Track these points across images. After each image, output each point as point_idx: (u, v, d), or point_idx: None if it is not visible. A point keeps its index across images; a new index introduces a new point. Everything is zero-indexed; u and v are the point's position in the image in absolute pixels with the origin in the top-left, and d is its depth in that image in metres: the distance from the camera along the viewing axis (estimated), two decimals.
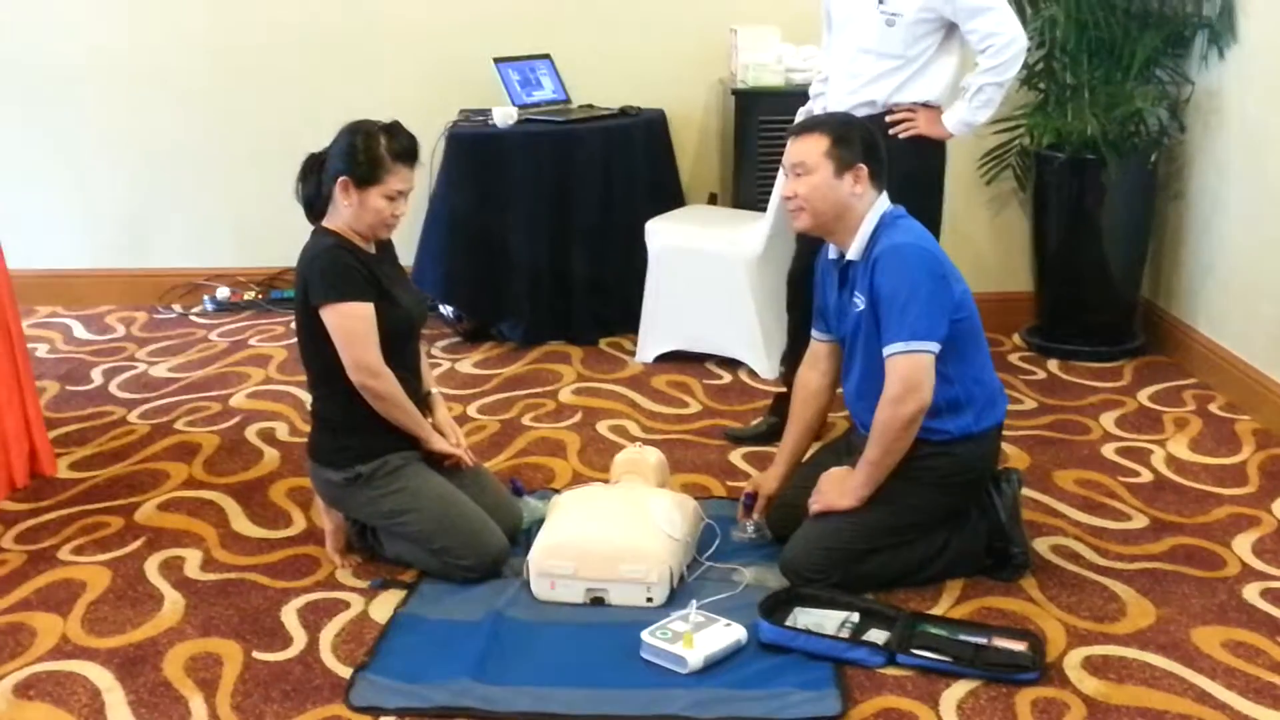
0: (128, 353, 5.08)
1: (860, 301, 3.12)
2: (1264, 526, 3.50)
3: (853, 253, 3.14)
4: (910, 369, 2.99)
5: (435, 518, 3.17)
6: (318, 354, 3.17)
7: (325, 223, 3.21)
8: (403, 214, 3.20)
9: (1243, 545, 3.39)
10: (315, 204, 3.23)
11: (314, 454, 3.27)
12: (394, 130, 3.16)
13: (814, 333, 3.42)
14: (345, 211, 3.15)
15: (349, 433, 3.19)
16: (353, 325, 3.10)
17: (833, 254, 3.26)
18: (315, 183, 3.21)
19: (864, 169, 3.10)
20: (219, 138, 5.62)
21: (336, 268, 3.10)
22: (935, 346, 3.00)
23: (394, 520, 3.19)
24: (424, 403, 3.35)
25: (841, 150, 3.10)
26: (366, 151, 3.11)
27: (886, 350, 3.02)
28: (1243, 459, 3.97)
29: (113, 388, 4.66)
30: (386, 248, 3.32)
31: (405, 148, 3.15)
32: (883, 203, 3.16)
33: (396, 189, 3.14)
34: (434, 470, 3.26)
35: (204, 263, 5.73)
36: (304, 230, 5.81)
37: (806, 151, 3.12)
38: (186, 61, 5.54)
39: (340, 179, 3.12)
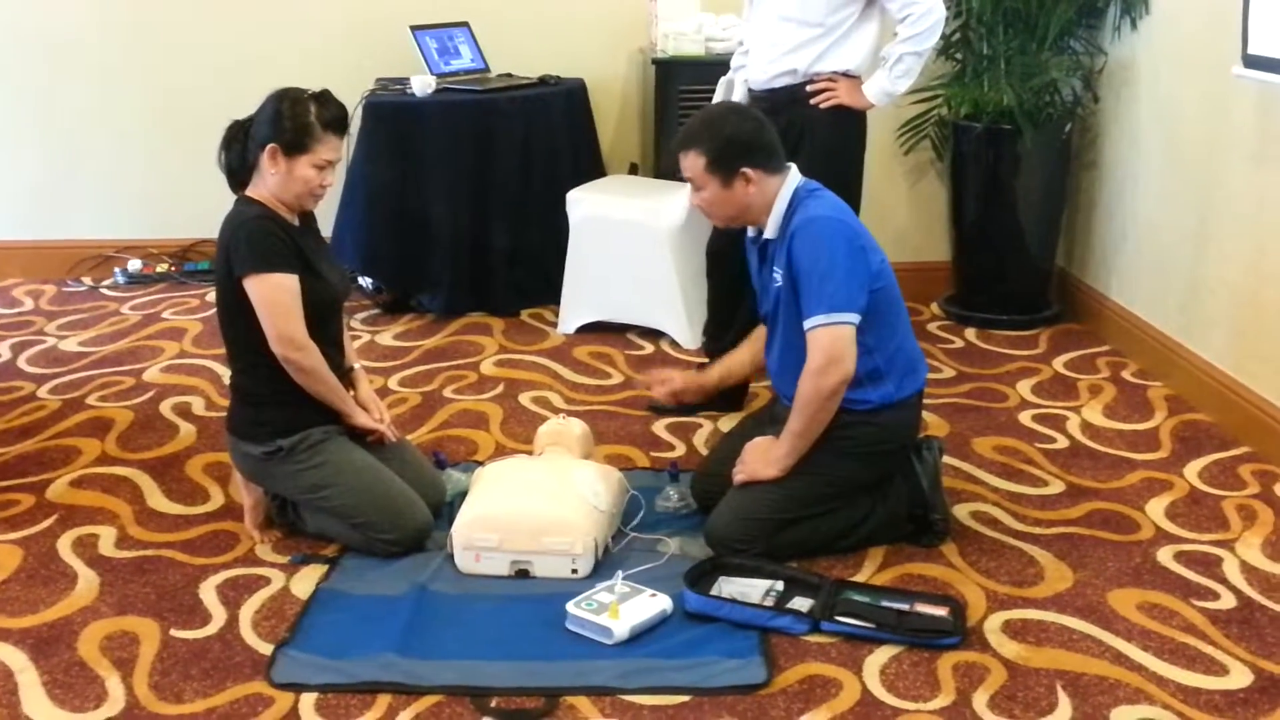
0: (36, 326, 4.96)
1: (779, 276, 3.12)
2: (1176, 491, 3.57)
3: (770, 231, 3.15)
4: (832, 341, 3.00)
5: (357, 491, 3.13)
6: (238, 326, 3.12)
7: (249, 192, 3.14)
8: (330, 184, 3.15)
9: (1156, 509, 3.45)
10: (239, 172, 3.16)
11: (233, 428, 3.22)
12: (323, 98, 3.11)
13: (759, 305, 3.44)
14: (271, 180, 3.09)
15: (269, 406, 3.14)
16: (277, 297, 3.05)
17: (751, 233, 3.26)
18: (240, 150, 3.14)
19: (750, 170, 3.08)
20: (128, 106, 5.49)
21: (261, 238, 3.04)
22: (855, 318, 3.01)
23: (316, 495, 3.15)
24: (346, 377, 3.31)
25: (719, 167, 3.08)
26: (295, 119, 3.06)
27: (807, 323, 3.02)
28: (1155, 425, 4.04)
29: (21, 362, 4.55)
30: (309, 220, 3.27)
31: (335, 116, 3.10)
32: (793, 179, 3.15)
33: (325, 158, 3.09)
34: (356, 444, 3.23)
35: (114, 234, 5.60)
36: (218, 200, 5.68)
37: (691, 169, 3.13)
38: (95, 28, 5.39)
39: (268, 146, 3.06)
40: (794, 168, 3.17)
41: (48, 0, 5.37)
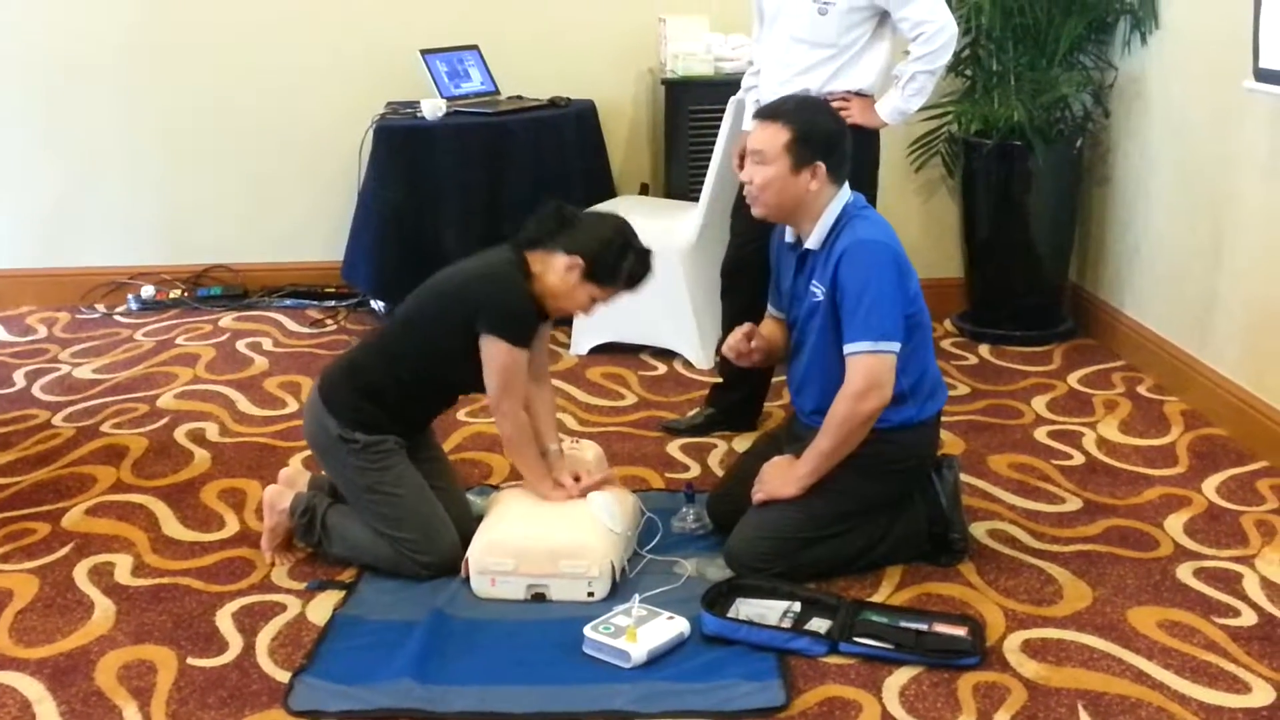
0: (50, 354, 4.97)
1: (819, 292, 3.11)
2: (1194, 506, 3.55)
3: (812, 242, 3.13)
4: (874, 368, 3.00)
5: (409, 506, 3.16)
6: (420, 344, 3.20)
7: (531, 262, 3.17)
8: (590, 315, 3.33)
9: (1174, 525, 3.44)
10: (532, 240, 3.19)
11: (327, 395, 3.23)
12: (643, 255, 3.20)
13: (769, 306, 3.42)
14: (554, 282, 3.15)
15: (376, 404, 3.18)
16: (513, 369, 3.14)
17: (789, 237, 3.25)
18: (549, 231, 3.18)
19: (822, 167, 3.08)
20: (140, 133, 5.50)
21: (523, 316, 3.15)
22: (898, 346, 3.02)
23: (369, 496, 3.16)
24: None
25: (801, 148, 3.07)
26: (615, 259, 3.15)
27: (850, 347, 3.02)
28: (1172, 440, 4.02)
29: (36, 390, 4.56)
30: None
31: (642, 277, 3.22)
32: (844, 194, 3.15)
33: (606, 299, 3.21)
34: (415, 468, 3.26)
35: (127, 261, 5.60)
36: (230, 226, 5.76)
37: (767, 140, 3.10)
38: (106, 56, 5.41)
39: (577, 260, 3.12)
40: (846, 184, 3.16)
41: (60, 28, 5.39)
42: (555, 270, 3.14)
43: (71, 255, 5.60)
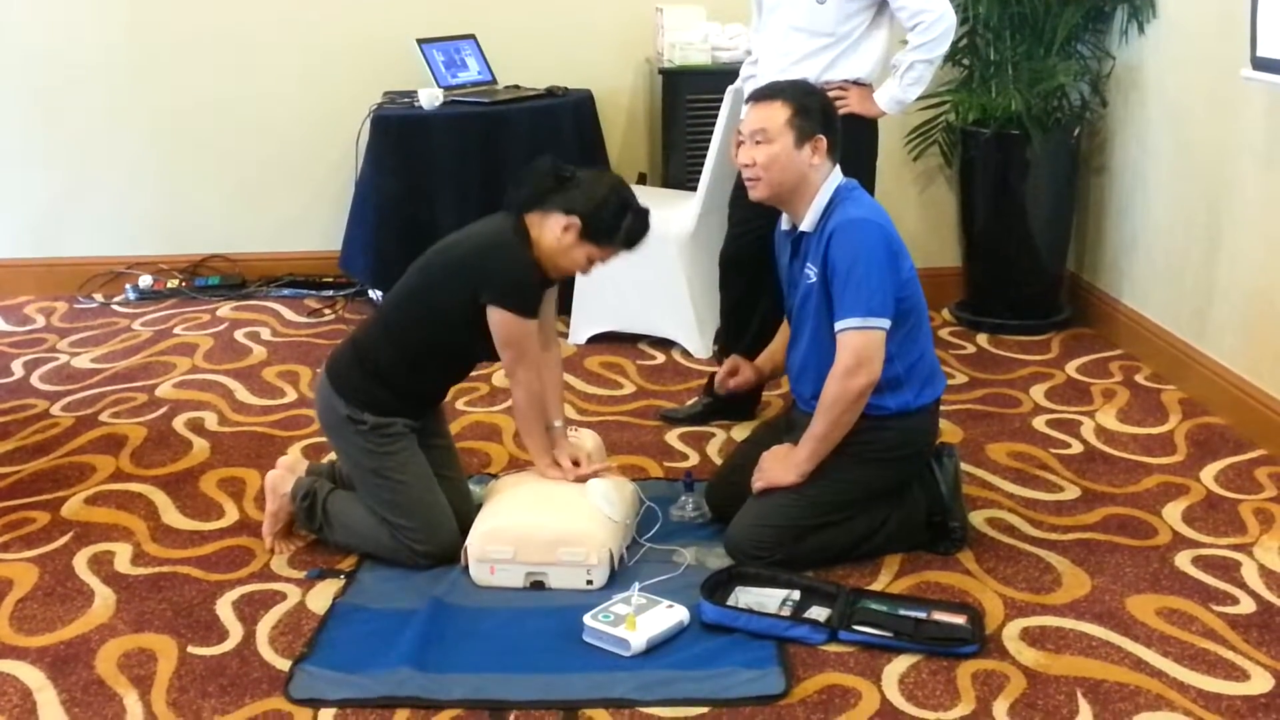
0: (48, 344, 4.97)
1: (812, 273, 3.12)
2: (1193, 495, 3.56)
3: (806, 224, 3.14)
4: (863, 344, 3.00)
5: (412, 494, 3.16)
6: (423, 322, 3.18)
7: (530, 224, 3.16)
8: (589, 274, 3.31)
9: (1173, 514, 3.44)
10: (523, 202, 3.17)
11: (335, 376, 3.23)
12: (642, 215, 3.20)
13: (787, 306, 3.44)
14: (550, 242, 3.14)
15: (383, 386, 3.18)
16: (523, 339, 3.14)
17: (785, 225, 3.26)
18: (545, 191, 3.15)
19: (823, 140, 3.10)
20: (137, 123, 5.49)
21: (528, 285, 3.14)
22: (887, 323, 3.03)
23: (373, 479, 3.17)
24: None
25: (803, 121, 3.10)
26: (613, 217, 3.14)
27: (839, 324, 3.03)
28: (1170, 428, 4.03)
29: (34, 380, 4.56)
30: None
31: (639, 237, 3.21)
32: (836, 175, 3.16)
33: (604, 259, 3.20)
34: (422, 453, 3.25)
35: (125, 251, 5.59)
36: (227, 216, 5.74)
37: (768, 119, 3.11)
38: (104, 45, 5.40)
39: (574, 219, 3.11)
40: (838, 166, 3.18)
41: (57, 20, 5.38)
42: (552, 230, 3.14)
43: (69, 245, 5.59)
